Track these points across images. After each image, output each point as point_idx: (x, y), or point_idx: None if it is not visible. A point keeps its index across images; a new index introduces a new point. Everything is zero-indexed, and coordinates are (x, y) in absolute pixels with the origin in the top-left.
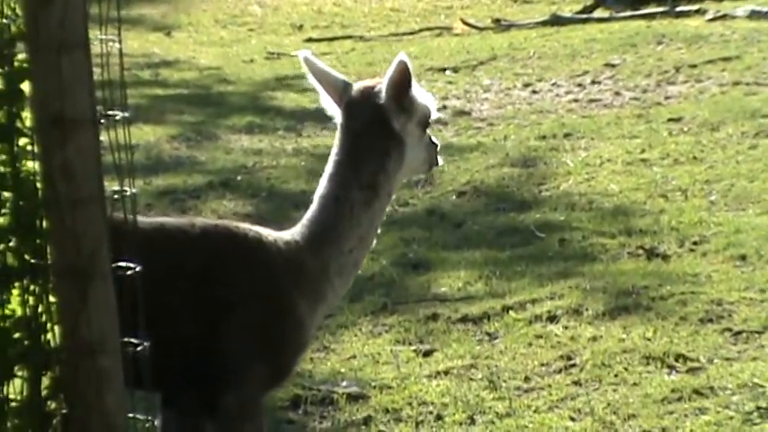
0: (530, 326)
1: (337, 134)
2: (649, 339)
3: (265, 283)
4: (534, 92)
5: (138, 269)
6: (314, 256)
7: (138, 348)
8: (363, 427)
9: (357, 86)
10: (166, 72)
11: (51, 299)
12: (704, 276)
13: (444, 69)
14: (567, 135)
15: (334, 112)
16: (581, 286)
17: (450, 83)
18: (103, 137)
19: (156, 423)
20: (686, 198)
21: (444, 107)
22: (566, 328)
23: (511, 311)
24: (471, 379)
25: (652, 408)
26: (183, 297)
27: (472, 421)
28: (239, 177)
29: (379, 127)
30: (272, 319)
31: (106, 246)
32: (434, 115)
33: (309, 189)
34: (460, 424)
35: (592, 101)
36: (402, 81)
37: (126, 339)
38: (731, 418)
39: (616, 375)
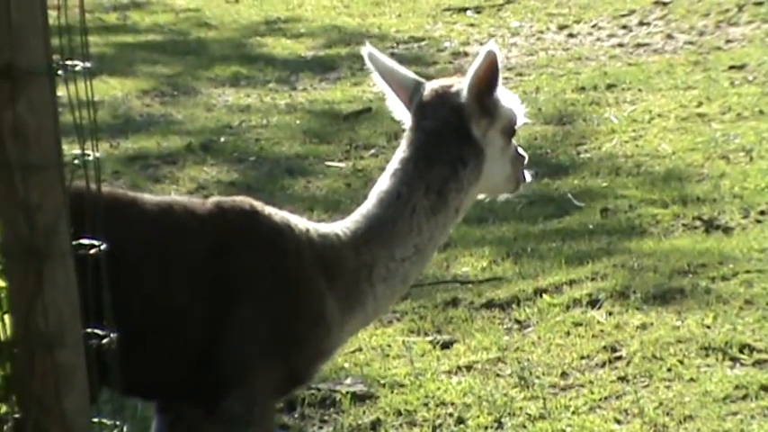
0: (567, 312)
1: (406, 135)
2: (708, 327)
3: (284, 273)
4: (571, 35)
5: (102, 247)
6: (357, 253)
7: (104, 341)
8: (371, 431)
9: (431, 86)
10: (136, 15)
11: (1, 283)
12: None
13: (465, 9)
14: (609, 86)
15: (404, 115)
16: (627, 265)
17: (471, 25)
18: (61, 92)
19: (124, 429)
20: (751, 160)
21: (465, 54)
22: (609, 314)
23: (545, 295)
24: (498, 375)
25: (712, 407)
26: (185, 285)
27: (500, 425)
28: (223, 139)
29: (457, 131)
30: (289, 315)
31: (66, 220)
32: (521, 122)
33: (305, 152)
34: (486, 428)
35: (639, 45)
36: (489, 78)
37: (90, 330)
38: None
39: (669, 370)
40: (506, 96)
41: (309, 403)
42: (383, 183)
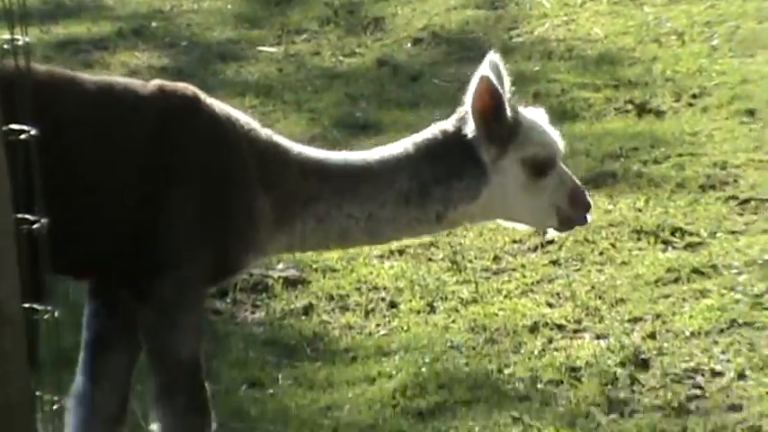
0: None
1: (453, 120)
2: (640, 210)
3: (219, 162)
4: None
5: (32, 132)
6: (304, 179)
7: (35, 226)
8: (303, 316)
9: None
10: None
11: None
12: (705, 135)
13: None
14: None
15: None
16: None
17: None
18: None
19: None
20: (683, 43)
21: None
22: None
23: None
24: (431, 260)
25: (644, 290)
26: (122, 165)
27: (432, 309)
28: (154, 24)
29: (466, 148)
30: (220, 203)
31: None
32: (557, 157)
33: (237, 37)
34: (418, 312)
35: None
36: (488, 104)
37: (20, 216)
38: (737, 301)
39: (601, 253)
40: (535, 129)
41: (242, 288)
42: (397, 144)
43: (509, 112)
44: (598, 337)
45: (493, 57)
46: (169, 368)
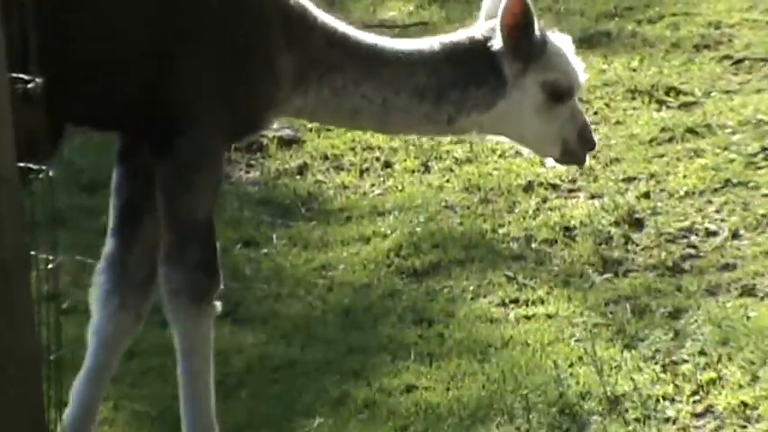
0: None
1: (480, 26)
2: (635, 70)
3: (242, 12)
4: None
5: None
6: (329, 48)
7: (30, 86)
8: (298, 176)
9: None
10: None
11: None
12: None
13: None
14: None
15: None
16: (554, 9)
17: None
18: None
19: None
20: None
21: None
22: None
23: None
24: None
25: (638, 150)
26: (143, 14)
27: (426, 168)
28: None
29: (491, 57)
30: (242, 54)
31: None
32: (576, 89)
33: None
34: (413, 172)
35: None
36: (518, 17)
37: (15, 75)
38: (732, 160)
39: (596, 113)
40: (560, 56)
41: (236, 148)
42: (425, 40)
43: (537, 33)
44: (592, 197)
45: None
46: (183, 226)
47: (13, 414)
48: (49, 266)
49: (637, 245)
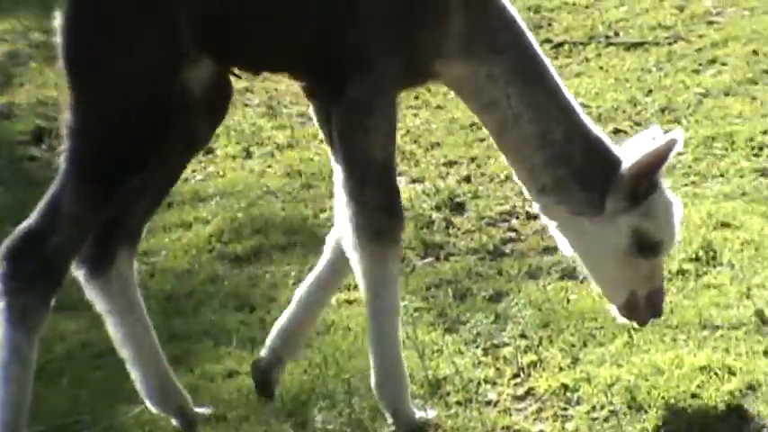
0: None
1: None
2: None
3: None
4: None
5: None
6: (504, 31)
7: None
8: None
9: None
10: None
11: None
12: None
13: None
14: None
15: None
16: None
17: None
18: None
19: None
20: None
21: None
22: None
23: None
24: (246, 105)
25: (459, 134)
26: None
27: (248, 154)
28: None
29: (603, 182)
30: (417, 8)
31: None
32: (664, 248)
33: None
34: (234, 157)
35: None
36: (654, 161)
37: None
38: None
39: (416, 97)
40: (665, 210)
41: (57, 135)
42: (590, 119)
43: (655, 179)
44: (413, 181)
45: (680, 134)
46: (360, 167)
47: None
48: None
49: (458, 229)
